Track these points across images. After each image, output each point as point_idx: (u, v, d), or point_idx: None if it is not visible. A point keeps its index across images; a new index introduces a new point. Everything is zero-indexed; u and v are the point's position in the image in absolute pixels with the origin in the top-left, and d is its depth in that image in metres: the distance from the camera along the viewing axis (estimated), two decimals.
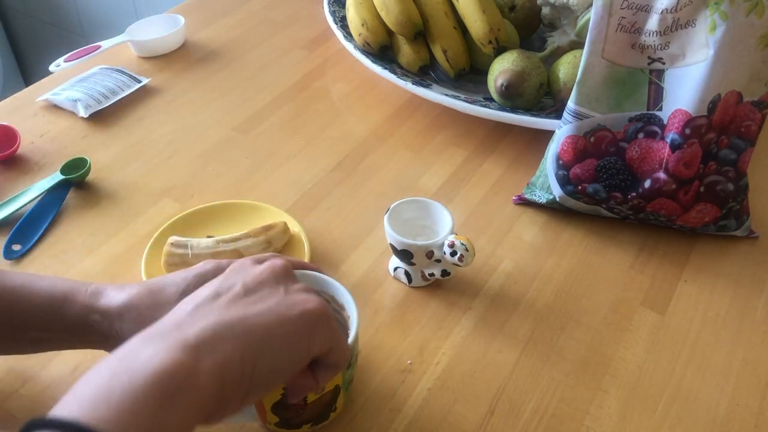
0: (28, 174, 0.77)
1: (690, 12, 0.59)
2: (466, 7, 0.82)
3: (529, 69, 0.76)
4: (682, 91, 0.61)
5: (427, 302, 0.63)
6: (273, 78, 0.93)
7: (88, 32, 1.91)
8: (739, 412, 0.55)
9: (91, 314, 0.48)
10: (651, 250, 0.69)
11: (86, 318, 0.48)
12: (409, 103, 0.88)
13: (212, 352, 0.36)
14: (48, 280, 0.50)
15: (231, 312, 0.39)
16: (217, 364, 0.36)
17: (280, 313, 0.40)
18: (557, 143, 0.67)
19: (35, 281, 0.50)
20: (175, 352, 0.35)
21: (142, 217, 0.72)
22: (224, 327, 0.38)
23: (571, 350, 0.59)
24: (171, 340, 0.36)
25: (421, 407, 0.55)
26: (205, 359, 0.36)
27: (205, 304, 0.40)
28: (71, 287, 0.49)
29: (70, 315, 0.48)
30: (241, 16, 1.07)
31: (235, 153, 0.81)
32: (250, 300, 0.41)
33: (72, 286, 0.50)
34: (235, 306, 0.40)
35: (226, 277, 0.43)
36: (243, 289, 0.41)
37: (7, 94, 0.91)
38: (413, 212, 0.64)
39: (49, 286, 0.50)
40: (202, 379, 0.35)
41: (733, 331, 0.61)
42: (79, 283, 0.50)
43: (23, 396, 0.55)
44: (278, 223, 0.66)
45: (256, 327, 0.39)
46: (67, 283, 0.50)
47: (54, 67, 0.93)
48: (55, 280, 0.50)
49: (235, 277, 0.43)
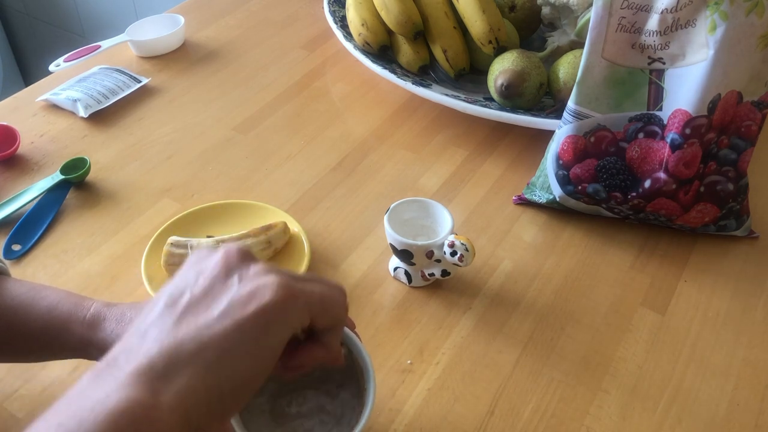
0: (28, 174, 0.77)
1: (690, 12, 0.59)
2: (466, 7, 0.82)
3: (529, 69, 0.76)
4: (682, 91, 0.61)
5: (427, 302, 0.63)
6: (273, 78, 0.94)
7: (88, 32, 1.90)
8: (739, 412, 0.55)
9: (89, 347, 0.47)
10: (651, 250, 0.69)
11: (85, 350, 0.47)
12: (409, 103, 0.88)
13: (168, 381, 0.32)
14: (46, 301, 0.48)
15: (182, 329, 0.34)
16: (176, 394, 0.32)
17: (234, 316, 0.35)
18: (557, 143, 0.67)
19: (34, 304, 0.48)
20: (128, 388, 0.31)
21: (142, 217, 0.72)
22: (177, 349, 0.33)
23: (571, 350, 0.59)
24: (121, 375, 0.32)
25: (421, 407, 0.55)
26: (163, 392, 0.32)
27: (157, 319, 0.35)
28: (69, 314, 0.47)
29: (69, 344, 0.47)
30: (240, 16, 1.07)
31: (235, 153, 0.81)
32: (202, 306, 0.36)
33: (70, 311, 0.47)
34: (186, 318, 0.35)
35: (180, 277, 0.38)
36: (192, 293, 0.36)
37: (7, 94, 0.91)
38: (413, 212, 0.64)
39: (46, 311, 0.47)
40: (162, 415, 0.31)
41: (733, 331, 0.61)
42: (78, 306, 0.48)
43: (23, 396, 0.55)
44: (278, 223, 0.66)
45: (210, 340, 0.34)
46: (65, 306, 0.48)
47: (54, 67, 0.93)
48: (54, 301, 0.48)
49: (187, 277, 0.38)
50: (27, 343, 0.48)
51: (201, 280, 0.37)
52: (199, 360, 0.33)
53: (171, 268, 0.63)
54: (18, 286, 0.49)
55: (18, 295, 0.48)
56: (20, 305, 0.48)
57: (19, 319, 0.47)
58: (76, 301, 0.49)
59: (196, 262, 0.39)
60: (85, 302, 0.49)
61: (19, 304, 0.48)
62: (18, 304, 0.48)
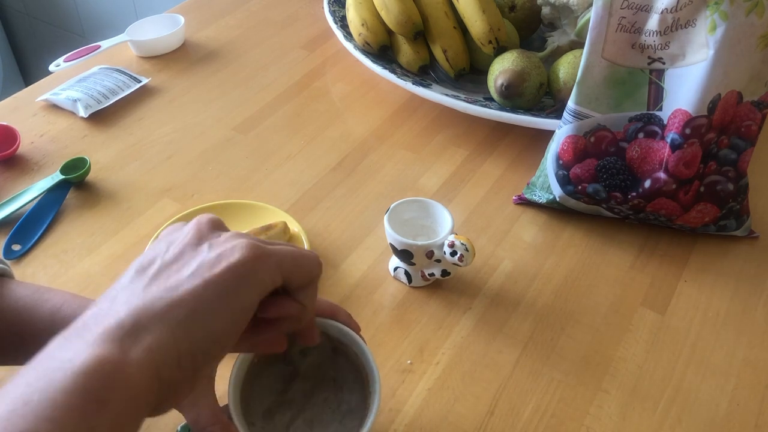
0: (28, 174, 0.77)
1: (690, 12, 0.59)
2: (466, 7, 0.82)
3: (529, 69, 0.76)
4: (682, 91, 0.61)
5: (427, 302, 0.63)
6: (273, 78, 0.94)
7: (88, 32, 1.91)
8: (739, 412, 0.55)
9: None
10: (651, 250, 0.69)
11: None
12: (409, 103, 0.88)
13: (138, 339, 0.33)
14: (50, 303, 0.48)
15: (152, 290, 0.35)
16: (145, 350, 0.32)
17: (204, 275, 0.35)
18: (557, 143, 0.67)
19: (38, 306, 0.48)
20: (96, 347, 0.31)
21: (142, 217, 0.72)
22: (146, 308, 0.34)
23: (571, 350, 0.59)
24: (90, 336, 0.32)
25: (421, 407, 0.55)
26: (132, 349, 0.32)
27: (127, 286, 0.36)
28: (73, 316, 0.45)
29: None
30: (240, 16, 1.07)
31: (235, 153, 0.81)
32: (172, 270, 0.36)
33: (75, 313, 0.46)
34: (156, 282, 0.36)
35: (151, 247, 0.39)
36: (163, 260, 0.37)
37: (7, 94, 0.91)
38: (413, 212, 0.64)
39: (50, 313, 0.47)
40: (132, 371, 0.31)
41: (733, 331, 0.61)
42: (82, 308, 0.46)
43: None
44: (278, 223, 0.66)
45: (180, 299, 0.34)
46: (69, 308, 0.48)
47: (54, 67, 0.93)
48: (58, 303, 0.48)
49: (159, 246, 0.38)
50: (31, 344, 0.48)
51: (172, 248, 0.38)
52: (168, 318, 0.34)
53: None
54: (22, 288, 0.49)
55: (22, 297, 0.48)
56: (24, 307, 0.48)
57: (23, 320, 0.47)
58: (81, 303, 0.49)
59: (168, 233, 0.39)
60: (89, 304, 0.49)
61: (24, 306, 0.48)
62: (22, 306, 0.48)
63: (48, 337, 0.47)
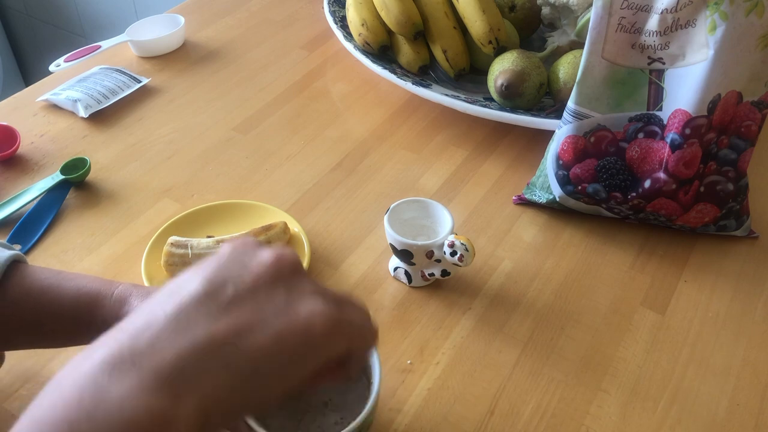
0: (28, 174, 0.77)
1: (690, 12, 0.59)
2: (466, 7, 0.82)
3: (529, 69, 0.76)
4: (682, 91, 0.61)
5: (427, 302, 0.63)
6: (273, 78, 0.94)
7: (88, 32, 1.91)
8: (739, 412, 0.55)
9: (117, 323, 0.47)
10: (651, 250, 0.69)
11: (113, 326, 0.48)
12: (409, 103, 0.88)
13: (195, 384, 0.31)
14: (74, 282, 0.49)
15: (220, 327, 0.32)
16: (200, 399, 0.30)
17: (280, 330, 0.33)
18: (557, 143, 0.67)
19: (62, 283, 0.49)
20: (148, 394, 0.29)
21: (142, 217, 0.72)
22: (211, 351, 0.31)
23: (571, 350, 0.59)
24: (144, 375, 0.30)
25: (421, 407, 0.55)
26: (186, 398, 0.30)
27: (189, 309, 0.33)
28: (98, 291, 0.48)
29: (97, 322, 0.48)
30: (241, 16, 1.07)
31: (235, 153, 0.81)
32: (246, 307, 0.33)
33: (99, 289, 0.49)
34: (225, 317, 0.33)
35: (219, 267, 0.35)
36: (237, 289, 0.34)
37: (7, 94, 0.91)
38: (413, 212, 0.64)
39: (75, 289, 0.48)
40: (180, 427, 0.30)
41: (733, 331, 0.61)
42: (106, 284, 0.49)
43: (23, 396, 0.55)
44: (278, 223, 0.66)
45: (249, 350, 0.32)
46: (94, 285, 0.49)
47: (54, 67, 0.93)
48: (82, 282, 0.49)
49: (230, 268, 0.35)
50: (57, 321, 0.49)
51: (246, 276, 0.35)
52: (232, 366, 0.32)
53: (171, 268, 0.63)
54: (44, 270, 0.50)
55: (47, 278, 0.49)
56: (50, 286, 0.49)
57: (48, 298, 0.48)
58: (104, 281, 0.50)
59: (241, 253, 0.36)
60: (113, 283, 0.50)
61: (49, 286, 0.49)
62: (48, 285, 0.49)
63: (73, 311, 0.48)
